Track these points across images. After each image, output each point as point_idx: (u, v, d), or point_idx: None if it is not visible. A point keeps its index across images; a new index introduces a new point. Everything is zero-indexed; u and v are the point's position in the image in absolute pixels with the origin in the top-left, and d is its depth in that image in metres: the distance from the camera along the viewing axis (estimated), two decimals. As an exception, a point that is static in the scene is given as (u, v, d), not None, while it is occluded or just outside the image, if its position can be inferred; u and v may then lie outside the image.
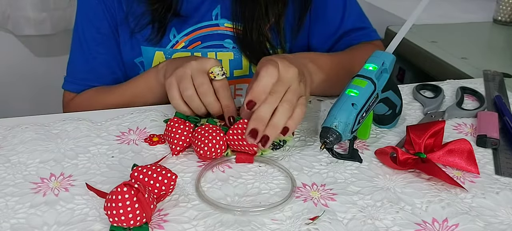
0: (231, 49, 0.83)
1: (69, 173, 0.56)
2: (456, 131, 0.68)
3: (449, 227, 0.49)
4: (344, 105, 0.57)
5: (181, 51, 0.82)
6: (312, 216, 0.49)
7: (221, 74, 0.63)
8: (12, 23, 1.58)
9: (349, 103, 0.57)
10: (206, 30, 0.82)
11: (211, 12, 0.82)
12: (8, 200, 0.51)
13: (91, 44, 0.83)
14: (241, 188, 0.54)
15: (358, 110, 0.57)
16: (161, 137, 0.63)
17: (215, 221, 0.48)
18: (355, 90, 0.58)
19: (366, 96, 0.58)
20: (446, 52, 1.08)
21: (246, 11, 0.80)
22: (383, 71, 0.61)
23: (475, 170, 0.57)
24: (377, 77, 0.60)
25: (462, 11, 1.46)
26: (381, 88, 0.60)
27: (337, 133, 0.56)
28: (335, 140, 0.56)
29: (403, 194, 0.53)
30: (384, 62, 0.60)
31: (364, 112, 0.58)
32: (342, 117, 0.56)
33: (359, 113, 0.57)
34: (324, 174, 0.57)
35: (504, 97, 0.77)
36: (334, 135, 0.56)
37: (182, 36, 0.82)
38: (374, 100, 0.59)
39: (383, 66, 0.60)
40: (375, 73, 0.59)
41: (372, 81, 0.58)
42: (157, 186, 0.49)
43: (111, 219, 0.45)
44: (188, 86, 0.62)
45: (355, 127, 0.57)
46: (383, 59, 0.60)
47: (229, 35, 0.83)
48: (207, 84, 0.63)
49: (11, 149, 0.60)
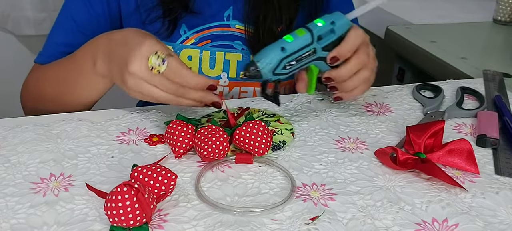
0: (240, 50, 0.83)
1: (69, 173, 0.56)
2: (456, 131, 0.68)
3: (449, 227, 0.49)
4: (273, 46, 0.60)
5: (191, 47, 0.81)
6: (312, 216, 0.49)
7: (162, 63, 0.58)
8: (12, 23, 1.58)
9: (279, 46, 0.60)
10: (217, 29, 0.82)
11: (223, 13, 0.82)
12: (8, 200, 0.51)
13: (78, 22, 0.80)
14: (241, 188, 0.54)
15: (285, 54, 0.60)
16: (161, 137, 0.63)
17: (215, 221, 0.48)
18: (291, 37, 0.60)
19: (299, 45, 0.60)
20: (445, 52, 1.08)
21: (259, 14, 0.80)
22: (331, 31, 0.62)
23: (475, 170, 0.57)
24: (322, 33, 0.62)
25: (462, 11, 1.46)
26: (322, 45, 0.62)
27: (257, 68, 0.59)
28: (254, 74, 0.59)
29: (403, 194, 0.53)
30: (334, 22, 0.62)
31: (294, 60, 0.60)
32: (266, 56, 0.59)
33: (285, 58, 0.60)
34: (324, 174, 0.57)
35: (504, 97, 0.77)
36: (254, 70, 0.59)
37: (192, 33, 0.81)
38: (309, 54, 0.61)
39: (332, 25, 0.62)
40: (320, 28, 0.61)
41: (312, 33, 0.61)
42: (157, 186, 0.49)
43: (111, 219, 0.45)
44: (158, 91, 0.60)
45: (279, 70, 0.60)
46: (334, 19, 0.63)
47: (240, 37, 0.83)
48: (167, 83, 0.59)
49: (11, 149, 0.60)
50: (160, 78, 0.59)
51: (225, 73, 0.84)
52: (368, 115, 0.71)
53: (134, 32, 0.63)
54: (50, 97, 0.76)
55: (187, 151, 0.59)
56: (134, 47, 0.59)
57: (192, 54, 0.81)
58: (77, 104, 0.73)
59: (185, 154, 0.59)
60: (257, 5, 0.80)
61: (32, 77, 0.82)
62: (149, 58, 0.58)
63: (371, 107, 0.74)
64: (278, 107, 0.71)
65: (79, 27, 0.80)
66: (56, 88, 0.75)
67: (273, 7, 0.80)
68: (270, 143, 0.58)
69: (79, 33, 0.79)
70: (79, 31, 0.79)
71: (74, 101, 0.73)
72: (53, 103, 0.74)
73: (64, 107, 0.72)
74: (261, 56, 0.60)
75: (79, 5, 0.80)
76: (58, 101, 0.74)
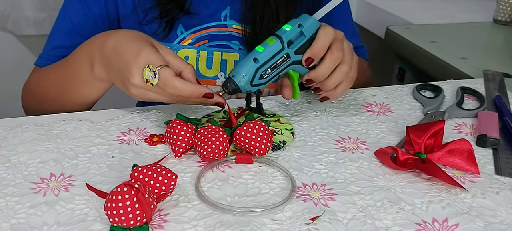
0: (237, 50, 0.83)
1: (69, 173, 0.56)
2: (456, 131, 0.68)
3: (449, 227, 0.49)
4: (246, 59, 0.61)
5: (188, 48, 0.81)
6: (312, 216, 0.49)
7: (154, 76, 0.59)
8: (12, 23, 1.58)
9: (252, 57, 0.60)
10: (214, 30, 0.82)
11: (220, 13, 0.82)
12: (8, 200, 0.51)
13: (75, 23, 0.80)
14: (241, 188, 0.54)
15: (259, 64, 0.60)
16: (161, 137, 0.63)
17: (215, 221, 0.48)
18: (262, 46, 0.61)
19: (270, 53, 0.61)
20: (446, 52, 1.08)
21: (256, 14, 0.80)
22: (301, 33, 0.63)
23: (475, 170, 0.57)
24: (291, 37, 0.62)
25: (462, 11, 1.45)
26: (294, 49, 0.62)
27: (234, 83, 0.60)
28: (232, 89, 0.60)
29: (403, 194, 0.53)
30: (301, 24, 0.63)
31: (269, 68, 0.61)
32: (241, 69, 0.60)
33: (260, 68, 0.60)
34: (324, 174, 0.57)
35: (504, 97, 0.77)
36: (231, 85, 0.60)
37: (189, 33, 0.81)
38: (283, 60, 0.62)
39: (300, 28, 0.63)
40: (288, 33, 0.62)
41: (281, 40, 0.61)
42: (157, 186, 0.49)
43: (111, 219, 0.45)
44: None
45: (256, 81, 0.61)
46: (301, 22, 0.63)
47: (237, 37, 0.83)
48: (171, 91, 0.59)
49: (11, 149, 0.60)
50: (156, 88, 0.60)
51: (222, 73, 0.84)
52: (369, 115, 0.71)
53: (128, 38, 0.63)
54: (52, 97, 0.76)
55: (187, 150, 0.59)
56: (131, 58, 0.60)
57: (189, 55, 0.81)
58: (78, 104, 0.73)
59: (185, 153, 0.59)
60: (254, 5, 0.80)
61: (33, 79, 0.82)
62: (143, 71, 0.59)
63: (371, 107, 0.74)
64: (277, 107, 0.71)
65: (76, 29, 0.80)
66: (57, 90, 0.75)
67: (270, 7, 0.80)
68: (270, 143, 0.58)
69: (77, 34, 0.79)
70: (77, 33, 0.80)
71: (75, 101, 0.74)
72: (55, 103, 0.75)
73: (66, 107, 0.72)
74: (236, 71, 0.60)
75: (76, 7, 0.80)
76: (60, 101, 0.75)
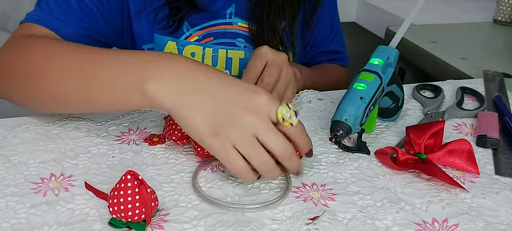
0: (243, 48, 0.83)
1: (69, 173, 0.56)
2: (456, 131, 0.68)
3: (449, 227, 0.49)
4: (353, 99, 0.59)
5: (194, 44, 0.81)
6: (312, 216, 0.49)
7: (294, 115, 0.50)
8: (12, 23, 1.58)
9: (358, 97, 0.59)
10: (219, 27, 0.82)
11: (225, 11, 0.82)
12: (9, 200, 0.51)
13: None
14: (241, 188, 0.54)
15: (366, 103, 0.59)
16: (161, 137, 0.63)
17: (215, 221, 0.48)
18: (362, 84, 0.60)
19: (373, 90, 0.60)
20: (446, 52, 1.08)
21: (262, 12, 0.80)
22: (388, 65, 0.63)
23: (475, 170, 0.57)
24: (383, 71, 0.62)
25: (462, 11, 1.46)
26: (386, 82, 0.62)
27: (347, 126, 0.58)
28: (345, 133, 0.58)
29: (403, 194, 0.53)
30: (389, 57, 0.63)
31: (372, 105, 0.60)
32: (351, 110, 0.58)
33: (367, 106, 0.59)
34: (324, 174, 0.57)
35: (504, 98, 0.77)
36: (344, 128, 0.58)
37: (195, 30, 0.81)
38: (380, 94, 0.61)
39: (388, 60, 0.62)
40: (381, 67, 0.61)
41: (379, 75, 0.61)
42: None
43: (111, 208, 0.45)
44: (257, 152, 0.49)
45: (364, 119, 0.59)
46: (388, 54, 0.63)
47: (242, 35, 0.83)
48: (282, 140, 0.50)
49: (12, 149, 0.60)
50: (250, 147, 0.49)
51: (227, 71, 0.84)
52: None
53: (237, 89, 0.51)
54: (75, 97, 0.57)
55: (184, 139, 0.59)
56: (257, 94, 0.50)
57: (195, 51, 0.82)
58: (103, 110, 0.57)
59: (182, 143, 0.60)
60: (260, 2, 0.80)
61: (22, 47, 0.65)
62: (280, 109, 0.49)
63: (371, 107, 0.74)
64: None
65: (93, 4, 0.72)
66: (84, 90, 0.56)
67: (276, 4, 0.80)
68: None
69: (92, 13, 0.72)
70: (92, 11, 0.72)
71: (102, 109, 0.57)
72: (56, 102, 0.60)
73: (68, 108, 0.62)
74: (345, 113, 0.58)
75: None
76: (82, 102, 0.58)
